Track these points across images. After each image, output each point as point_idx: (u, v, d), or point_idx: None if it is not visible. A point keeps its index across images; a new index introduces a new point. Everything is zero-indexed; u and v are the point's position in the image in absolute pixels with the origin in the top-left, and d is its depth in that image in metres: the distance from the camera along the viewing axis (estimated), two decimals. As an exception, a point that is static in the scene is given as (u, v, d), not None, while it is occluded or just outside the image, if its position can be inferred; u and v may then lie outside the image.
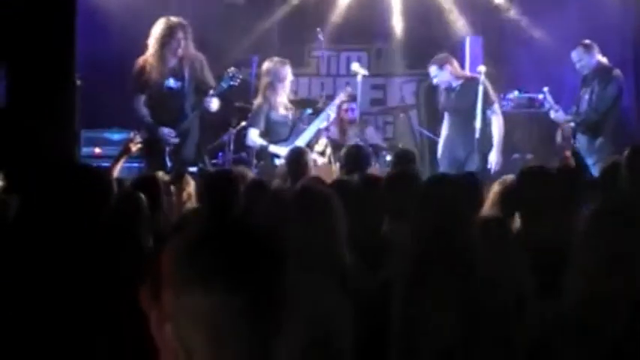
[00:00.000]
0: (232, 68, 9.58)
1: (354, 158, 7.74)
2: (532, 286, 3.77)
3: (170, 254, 1.78)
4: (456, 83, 10.13)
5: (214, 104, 9.46)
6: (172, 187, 6.62)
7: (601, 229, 3.25)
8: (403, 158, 7.99)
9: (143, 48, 9.76)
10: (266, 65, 10.01)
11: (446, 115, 10.29)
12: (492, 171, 9.68)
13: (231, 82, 9.45)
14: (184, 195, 6.68)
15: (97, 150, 10.47)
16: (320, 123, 10.08)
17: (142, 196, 4.97)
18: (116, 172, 7.49)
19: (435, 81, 10.28)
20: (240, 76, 9.54)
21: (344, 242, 3.77)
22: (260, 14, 12.32)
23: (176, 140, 9.46)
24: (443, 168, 9.90)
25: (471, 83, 10.01)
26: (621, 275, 3.12)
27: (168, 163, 9.33)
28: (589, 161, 9.32)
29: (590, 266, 3.18)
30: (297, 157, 7.74)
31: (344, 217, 3.82)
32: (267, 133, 9.83)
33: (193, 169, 9.15)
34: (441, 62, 10.13)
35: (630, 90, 11.01)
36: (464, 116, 9.98)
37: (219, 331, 1.72)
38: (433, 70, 10.17)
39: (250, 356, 1.74)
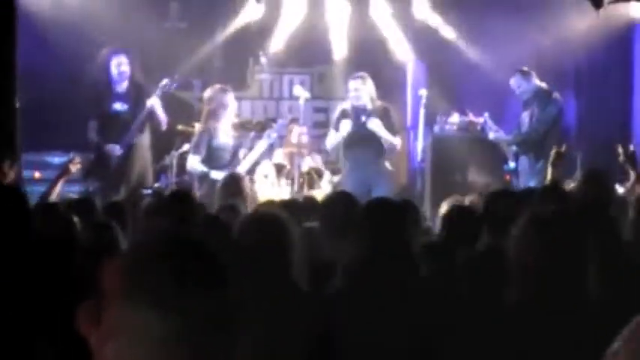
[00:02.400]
0: (165, 80, 9.67)
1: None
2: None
3: (116, 270, 1.75)
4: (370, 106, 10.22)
5: (158, 107, 9.57)
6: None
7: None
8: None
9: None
10: (208, 92, 10.01)
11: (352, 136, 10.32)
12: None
13: (166, 90, 9.57)
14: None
15: (37, 174, 10.34)
16: (263, 147, 10.08)
17: (74, 218, 4.92)
18: (55, 194, 7.40)
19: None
20: (175, 85, 9.63)
21: (296, 263, 3.78)
22: (202, 38, 12.30)
23: (120, 152, 9.52)
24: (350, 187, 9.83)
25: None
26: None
27: (112, 180, 9.38)
28: (531, 183, 9.40)
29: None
30: (232, 182, 7.76)
31: (297, 239, 3.85)
32: (210, 159, 9.79)
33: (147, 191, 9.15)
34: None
35: (571, 113, 11.18)
36: (369, 138, 10.12)
37: (164, 350, 1.70)
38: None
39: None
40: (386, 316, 3.68)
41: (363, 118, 10.17)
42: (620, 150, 8.04)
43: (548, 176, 7.35)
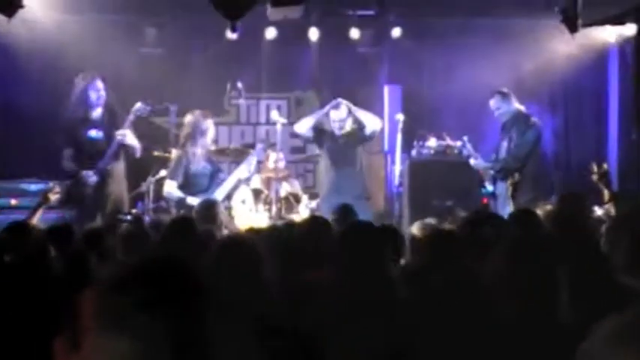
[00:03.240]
0: (138, 104, 9.64)
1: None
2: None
3: (90, 300, 1.74)
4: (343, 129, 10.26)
5: (127, 138, 9.52)
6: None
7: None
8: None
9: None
10: (188, 118, 10.00)
11: (331, 159, 10.34)
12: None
13: (139, 114, 9.53)
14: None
15: (14, 201, 10.28)
16: (241, 173, 10.06)
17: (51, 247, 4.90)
18: (34, 222, 7.36)
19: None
20: (148, 108, 9.60)
21: (267, 288, 3.76)
22: (178, 63, 12.31)
23: (95, 179, 9.46)
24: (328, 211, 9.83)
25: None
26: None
27: (88, 207, 9.34)
28: (508, 208, 9.39)
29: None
30: (205, 209, 7.74)
31: (268, 264, 3.83)
32: (187, 185, 9.76)
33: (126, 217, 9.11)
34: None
35: (548, 136, 11.22)
36: (350, 161, 10.15)
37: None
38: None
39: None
40: (365, 342, 3.66)
41: (341, 142, 10.20)
42: (595, 169, 8.05)
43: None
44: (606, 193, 7.90)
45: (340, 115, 10.23)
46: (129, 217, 9.07)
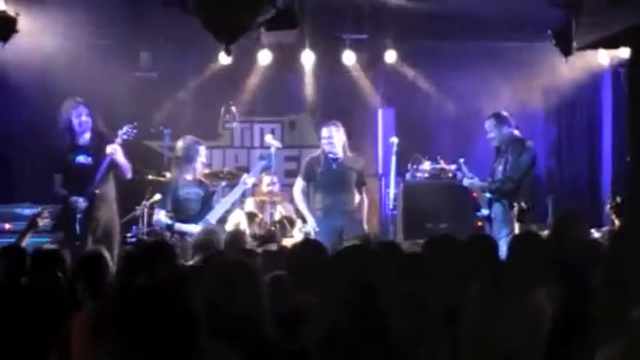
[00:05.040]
0: (125, 127, 9.61)
1: None
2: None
3: (80, 329, 1.73)
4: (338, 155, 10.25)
5: (118, 154, 9.50)
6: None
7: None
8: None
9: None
10: (179, 143, 9.99)
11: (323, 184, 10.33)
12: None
13: (126, 136, 9.50)
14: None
15: (8, 225, 10.27)
16: (233, 197, 10.02)
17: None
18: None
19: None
20: (135, 131, 9.56)
21: (264, 311, 3.74)
22: (173, 87, 12.32)
23: (84, 205, 9.41)
24: (322, 235, 9.81)
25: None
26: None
27: (78, 231, 9.29)
28: (504, 232, 9.36)
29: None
30: (208, 237, 7.72)
31: (265, 287, 3.81)
32: (177, 210, 9.72)
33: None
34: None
35: (542, 158, 11.22)
36: (341, 187, 10.15)
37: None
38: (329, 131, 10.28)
39: None
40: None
41: (334, 166, 10.18)
42: (609, 201, 8.13)
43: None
44: (616, 222, 7.95)
45: (329, 132, 10.17)
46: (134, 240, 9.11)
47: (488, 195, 9.96)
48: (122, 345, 1.68)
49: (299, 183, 10.41)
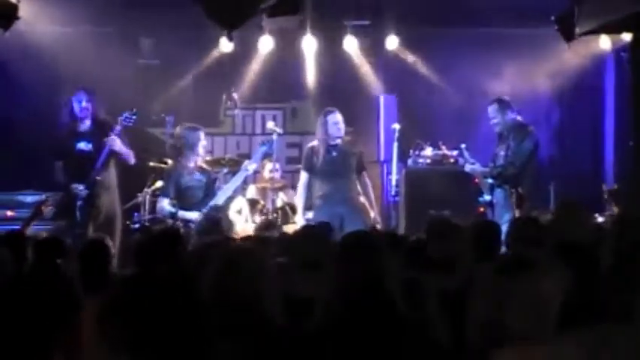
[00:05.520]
0: (126, 112, 9.61)
1: None
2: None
3: (89, 319, 1.73)
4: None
5: (116, 144, 9.49)
6: None
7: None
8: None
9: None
10: (177, 130, 9.98)
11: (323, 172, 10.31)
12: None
13: (125, 123, 9.50)
14: None
15: (10, 212, 10.28)
16: (234, 184, 10.00)
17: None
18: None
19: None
20: (134, 117, 9.56)
21: (271, 298, 3.73)
22: (175, 74, 12.31)
23: (85, 192, 9.42)
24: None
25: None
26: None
27: (79, 219, 9.31)
28: (506, 217, 9.34)
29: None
30: (212, 226, 7.73)
31: (272, 274, 3.81)
32: (180, 198, 9.71)
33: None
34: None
35: (544, 144, 11.20)
36: (341, 173, 10.14)
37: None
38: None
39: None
40: (362, 356, 3.62)
41: (334, 153, 10.16)
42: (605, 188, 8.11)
43: None
44: (614, 209, 7.95)
45: (339, 118, 10.14)
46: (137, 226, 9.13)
47: (490, 181, 9.95)
48: (127, 338, 1.68)
49: (303, 176, 10.39)
